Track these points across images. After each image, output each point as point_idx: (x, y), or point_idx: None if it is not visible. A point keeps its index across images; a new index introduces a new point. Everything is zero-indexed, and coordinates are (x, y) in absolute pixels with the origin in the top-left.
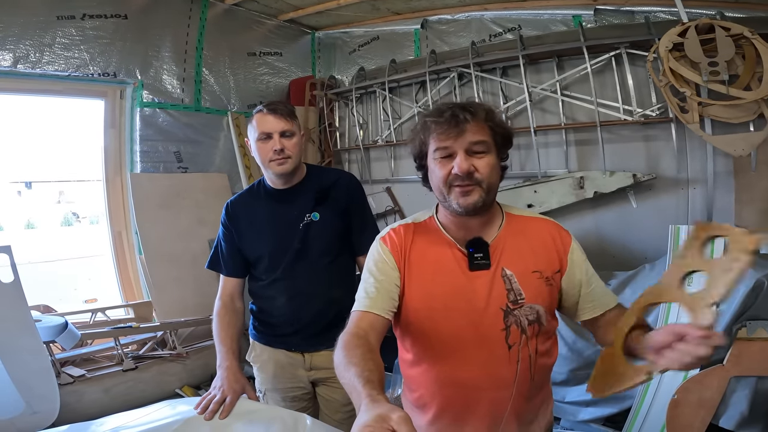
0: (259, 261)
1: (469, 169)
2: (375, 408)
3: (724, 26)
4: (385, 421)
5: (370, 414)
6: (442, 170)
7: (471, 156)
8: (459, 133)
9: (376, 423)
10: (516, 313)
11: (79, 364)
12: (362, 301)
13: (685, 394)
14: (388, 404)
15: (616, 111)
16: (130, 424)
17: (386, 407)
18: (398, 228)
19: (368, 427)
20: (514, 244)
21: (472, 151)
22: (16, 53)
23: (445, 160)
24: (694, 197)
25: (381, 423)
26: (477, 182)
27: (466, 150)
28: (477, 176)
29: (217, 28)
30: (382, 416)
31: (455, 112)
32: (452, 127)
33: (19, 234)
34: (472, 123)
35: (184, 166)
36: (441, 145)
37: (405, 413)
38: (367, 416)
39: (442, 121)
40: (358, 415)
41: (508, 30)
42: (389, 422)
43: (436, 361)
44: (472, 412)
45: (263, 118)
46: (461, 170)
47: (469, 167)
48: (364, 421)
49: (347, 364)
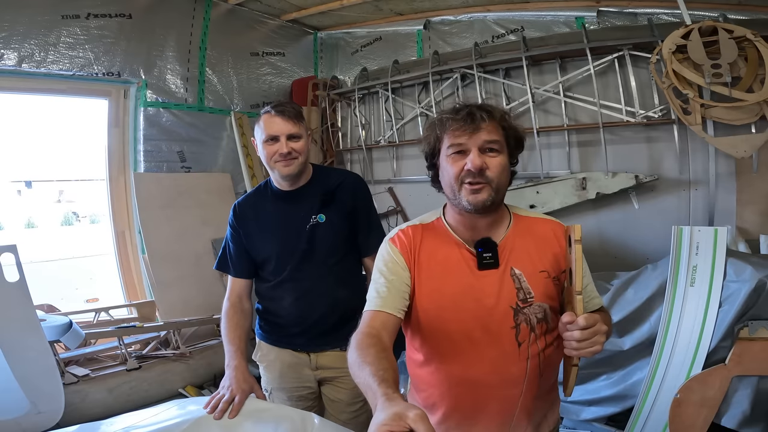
0: (266, 262)
1: (482, 166)
2: (391, 406)
3: (727, 28)
4: (402, 419)
5: (387, 412)
6: (455, 167)
7: (484, 154)
8: (474, 131)
9: (393, 421)
10: (525, 311)
11: (83, 363)
12: (374, 300)
13: (687, 393)
14: (404, 402)
15: (619, 112)
16: (139, 424)
17: (402, 405)
18: (407, 229)
19: (385, 425)
20: (522, 244)
21: (485, 149)
22: (21, 52)
23: (458, 156)
24: (696, 198)
25: (398, 421)
26: (488, 181)
27: (480, 148)
28: (488, 174)
29: (221, 28)
30: (399, 414)
31: (472, 110)
32: (468, 124)
33: (19, 233)
34: (488, 122)
35: (188, 165)
36: (456, 141)
37: (422, 411)
38: (383, 415)
39: (458, 118)
40: (374, 413)
41: (511, 31)
42: (406, 420)
43: (445, 359)
44: (482, 411)
45: (271, 119)
46: (474, 166)
47: (482, 164)
48: (381, 420)
49: (361, 364)
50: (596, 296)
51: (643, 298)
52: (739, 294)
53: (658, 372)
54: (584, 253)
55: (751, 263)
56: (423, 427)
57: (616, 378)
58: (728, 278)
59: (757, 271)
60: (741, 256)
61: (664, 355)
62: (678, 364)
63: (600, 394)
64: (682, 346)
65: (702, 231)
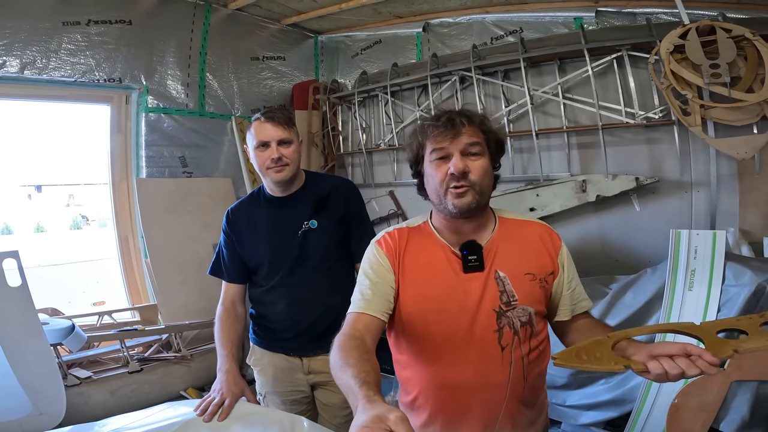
0: (258, 268)
1: (464, 169)
2: (372, 408)
3: (726, 28)
4: (382, 422)
5: (368, 414)
6: (439, 172)
7: (466, 158)
8: (455, 135)
9: (373, 423)
10: (509, 314)
11: (85, 366)
12: (358, 302)
13: (685, 398)
14: (386, 404)
15: (618, 114)
16: (131, 425)
17: (383, 407)
18: (393, 232)
19: (366, 427)
20: (507, 247)
21: (467, 153)
22: (23, 59)
23: (441, 162)
24: (697, 200)
25: (378, 423)
26: (471, 184)
27: (462, 151)
28: (471, 178)
29: (221, 33)
30: (380, 416)
31: (452, 116)
32: (449, 129)
33: (28, 237)
34: (468, 127)
35: (189, 170)
36: (438, 146)
37: (402, 413)
38: (364, 417)
39: (439, 124)
40: (355, 416)
41: (510, 33)
42: (387, 422)
43: (429, 362)
44: (466, 414)
45: (261, 126)
46: (457, 169)
47: (465, 167)
48: (361, 422)
49: (343, 366)
50: (585, 298)
51: (641, 302)
52: (738, 298)
53: None
54: (585, 257)
55: (750, 267)
56: (403, 429)
57: (614, 382)
58: (727, 282)
59: (757, 276)
60: (740, 260)
61: None
62: None
63: (598, 398)
64: None
65: (700, 234)
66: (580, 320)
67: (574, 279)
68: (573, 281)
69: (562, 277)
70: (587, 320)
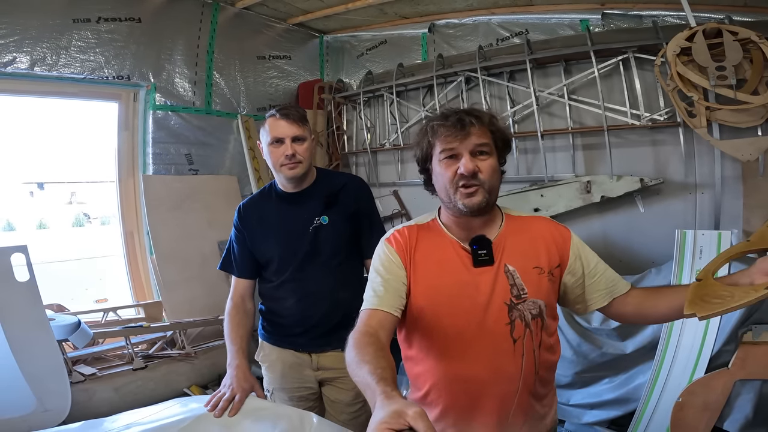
0: (269, 263)
1: (474, 170)
2: (390, 404)
3: (732, 30)
4: (401, 417)
5: (386, 410)
6: (448, 171)
7: (475, 158)
8: (465, 136)
9: (392, 419)
10: (520, 307)
11: (90, 362)
12: (371, 299)
13: (689, 396)
14: (403, 400)
15: (624, 115)
16: (141, 421)
17: (402, 403)
18: (402, 229)
19: (384, 423)
20: (515, 242)
21: (476, 153)
22: (33, 56)
23: (450, 161)
24: (702, 202)
25: (397, 419)
26: (480, 183)
27: (471, 152)
28: (481, 177)
29: (228, 31)
30: (398, 412)
31: (461, 116)
32: (459, 130)
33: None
34: (477, 127)
35: (195, 168)
36: (447, 146)
37: (420, 409)
38: (383, 413)
39: (448, 124)
40: (373, 412)
41: (516, 34)
42: (405, 418)
43: (442, 357)
44: (479, 408)
45: (276, 122)
46: (467, 170)
47: (474, 167)
48: (380, 418)
49: (359, 362)
50: (620, 279)
51: None
52: None
53: (661, 375)
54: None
55: None
56: (422, 425)
57: (618, 381)
58: None
59: None
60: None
61: (666, 358)
62: (680, 368)
63: (602, 397)
64: (685, 350)
65: (705, 235)
66: (633, 293)
67: (599, 264)
68: (598, 266)
69: (575, 268)
70: (639, 290)
